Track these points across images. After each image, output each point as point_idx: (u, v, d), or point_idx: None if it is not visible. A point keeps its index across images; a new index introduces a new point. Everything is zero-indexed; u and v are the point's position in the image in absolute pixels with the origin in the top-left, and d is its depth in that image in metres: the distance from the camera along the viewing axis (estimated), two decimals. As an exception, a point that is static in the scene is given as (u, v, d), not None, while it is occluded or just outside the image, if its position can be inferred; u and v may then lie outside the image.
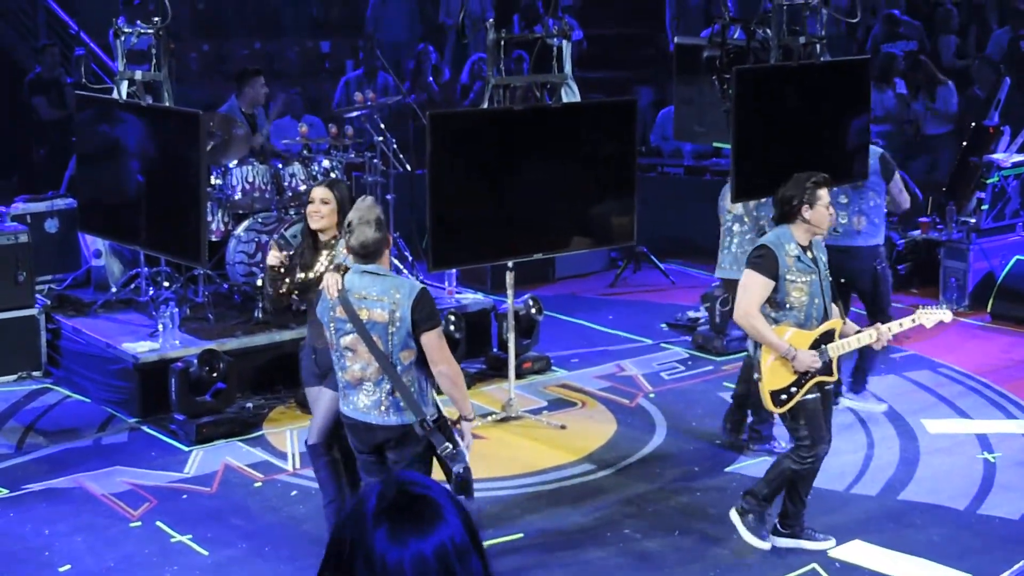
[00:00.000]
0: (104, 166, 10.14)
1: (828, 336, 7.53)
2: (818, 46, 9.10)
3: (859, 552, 7.79)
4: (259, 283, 10.71)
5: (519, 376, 10.48)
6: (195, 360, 9.69)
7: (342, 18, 19.20)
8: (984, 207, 12.92)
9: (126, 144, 9.97)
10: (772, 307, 7.47)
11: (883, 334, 7.68)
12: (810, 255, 7.50)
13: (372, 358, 6.55)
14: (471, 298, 11.62)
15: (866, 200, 9.70)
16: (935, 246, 13.13)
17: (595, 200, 9.83)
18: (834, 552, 7.77)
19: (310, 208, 7.56)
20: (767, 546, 7.71)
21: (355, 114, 12.20)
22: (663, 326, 12.24)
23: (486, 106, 9.31)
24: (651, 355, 11.47)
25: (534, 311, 11.01)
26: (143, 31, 8.67)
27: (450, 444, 6.61)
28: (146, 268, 11.19)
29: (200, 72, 17.47)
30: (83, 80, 10.49)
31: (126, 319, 11.00)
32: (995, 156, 13.19)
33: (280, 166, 11.00)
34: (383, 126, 12.23)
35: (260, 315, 10.71)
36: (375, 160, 11.96)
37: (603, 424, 9.97)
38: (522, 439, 9.67)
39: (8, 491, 8.81)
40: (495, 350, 11.05)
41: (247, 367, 10.31)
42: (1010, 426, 9.81)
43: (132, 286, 11.40)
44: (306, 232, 7.68)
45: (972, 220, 12.95)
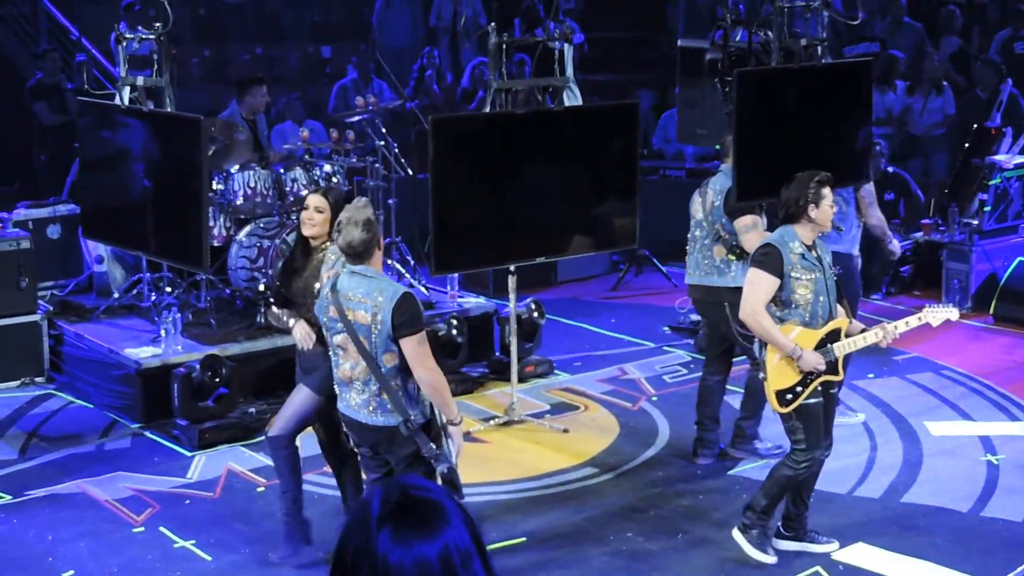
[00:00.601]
0: (106, 172, 10.15)
1: (834, 335, 7.52)
2: (819, 48, 9.10)
3: (862, 555, 7.79)
4: (260, 288, 10.71)
5: (521, 380, 10.47)
6: (197, 365, 9.69)
7: (343, 23, 19.21)
8: (986, 209, 12.91)
9: (128, 150, 9.98)
10: (777, 305, 7.44)
11: (889, 333, 7.66)
12: (815, 254, 7.48)
13: (360, 358, 6.65)
14: (473, 302, 11.62)
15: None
16: (937, 248, 13.12)
17: (597, 203, 9.83)
18: (837, 555, 7.77)
19: (304, 214, 7.64)
20: (773, 559, 7.67)
21: (356, 118, 12.19)
22: (665, 329, 12.24)
23: (488, 110, 9.31)
24: (654, 358, 11.46)
25: (536, 315, 11.01)
26: (145, 37, 8.67)
27: (434, 445, 6.68)
28: (148, 273, 11.19)
29: (201, 77, 17.48)
30: (85, 86, 10.50)
31: (128, 325, 10.99)
32: (997, 158, 13.18)
33: (281, 171, 11.00)
34: (384, 130, 12.22)
35: (262, 320, 10.71)
36: (377, 164, 11.96)
37: (605, 428, 9.97)
38: (524, 443, 9.67)
39: (11, 497, 8.80)
40: (497, 354, 11.05)
41: (249, 372, 10.31)
42: (1013, 428, 9.80)
43: (134, 291, 11.40)
44: (298, 237, 7.72)
45: (974, 222, 12.95)
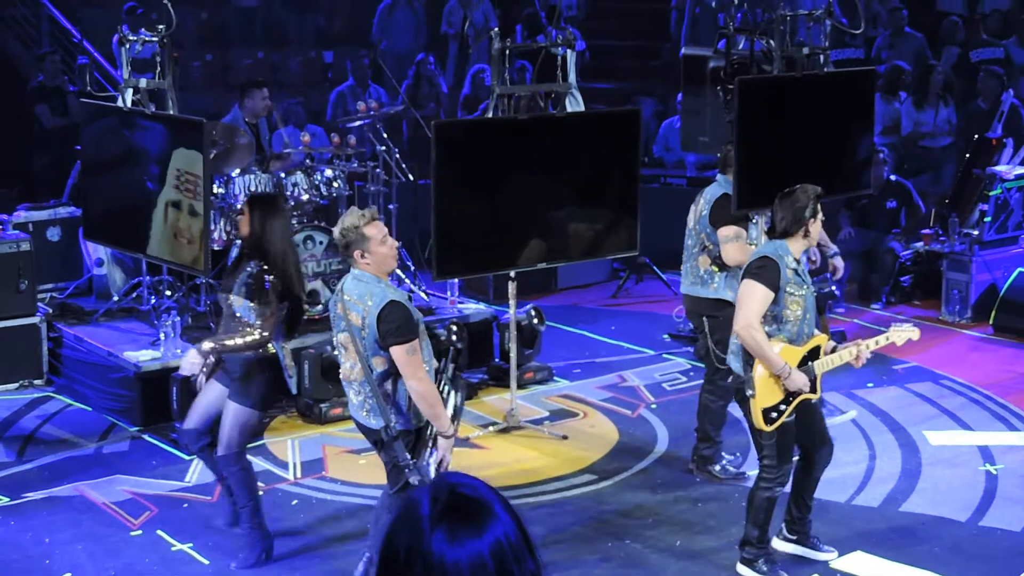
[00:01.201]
0: (108, 174, 10.14)
1: (814, 352, 7.48)
2: (821, 56, 9.10)
3: (861, 564, 7.78)
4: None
5: (521, 386, 10.47)
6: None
7: (346, 29, 19.21)
8: (987, 219, 12.91)
9: (131, 152, 9.96)
10: (766, 321, 7.32)
11: (863, 352, 7.61)
12: (801, 268, 7.46)
13: (358, 359, 6.80)
14: (473, 308, 11.62)
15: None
16: (938, 258, 13.12)
17: (598, 210, 9.83)
18: (836, 563, 7.76)
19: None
20: None
21: (357, 124, 12.19)
22: (665, 337, 12.23)
23: (490, 115, 9.31)
24: (653, 366, 11.45)
25: (536, 321, 11.00)
26: (148, 39, 8.67)
27: (410, 455, 6.81)
28: (148, 277, 11.19)
29: (203, 81, 17.48)
30: (88, 88, 10.50)
31: (128, 328, 10.99)
32: (998, 168, 13.19)
33: (282, 175, 11.00)
34: (386, 135, 12.22)
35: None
36: (378, 170, 11.96)
37: (605, 434, 9.96)
38: (524, 449, 9.66)
39: (9, 499, 8.80)
40: (497, 360, 11.05)
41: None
42: (1012, 438, 9.80)
43: (134, 295, 11.39)
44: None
45: (975, 232, 12.95)
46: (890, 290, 13.32)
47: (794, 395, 7.37)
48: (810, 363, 7.42)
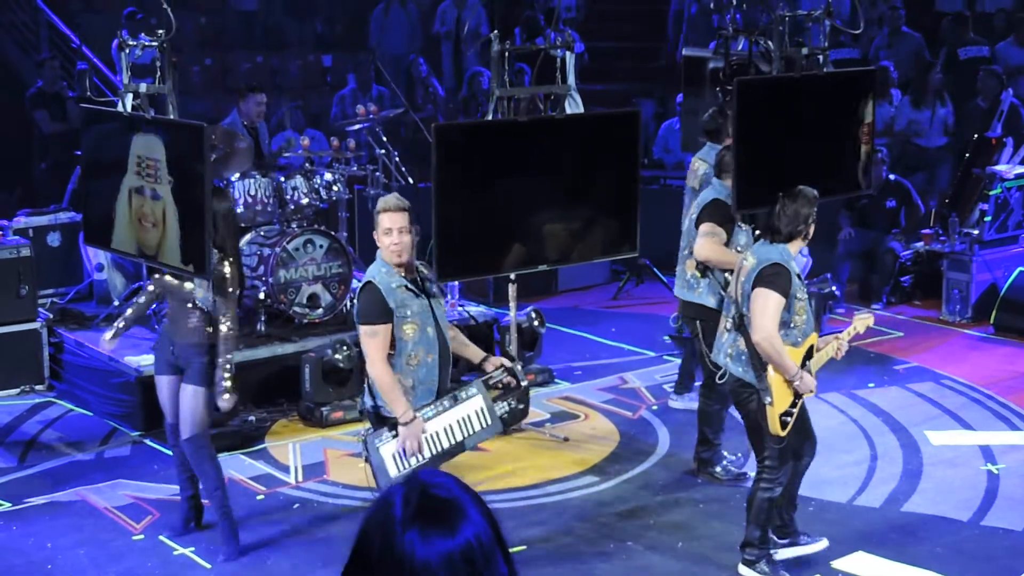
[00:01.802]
0: (108, 179, 10.13)
1: (809, 352, 7.50)
2: (820, 57, 9.09)
3: (862, 564, 7.79)
4: (261, 297, 10.71)
5: (522, 388, 10.45)
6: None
7: (345, 33, 19.22)
8: (987, 219, 12.92)
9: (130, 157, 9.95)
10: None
11: (842, 345, 7.72)
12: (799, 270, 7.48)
13: None
14: (474, 310, 11.62)
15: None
16: (938, 258, 13.12)
17: (598, 212, 9.83)
18: (837, 563, 7.77)
19: None
20: None
21: (356, 127, 12.19)
22: (666, 338, 12.21)
23: (490, 117, 9.32)
24: (654, 367, 11.45)
25: (537, 323, 11.00)
26: (148, 44, 8.66)
27: (371, 428, 7.26)
28: (148, 281, 11.17)
29: (202, 85, 17.48)
30: (87, 93, 10.50)
31: (128, 332, 10.86)
32: (998, 168, 13.19)
33: (282, 179, 11.00)
34: (385, 139, 12.22)
35: (262, 328, 10.71)
36: (377, 173, 11.96)
37: (606, 436, 9.96)
38: (525, 451, 9.66)
39: (11, 505, 8.80)
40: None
41: (249, 380, 10.29)
42: (1013, 437, 9.80)
43: (134, 299, 11.37)
44: None
45: (975, 232, 12.95)
46: (890, 290, 13.32)
47: (800, 396, 7.39)
48: (807, 363, 7.44)
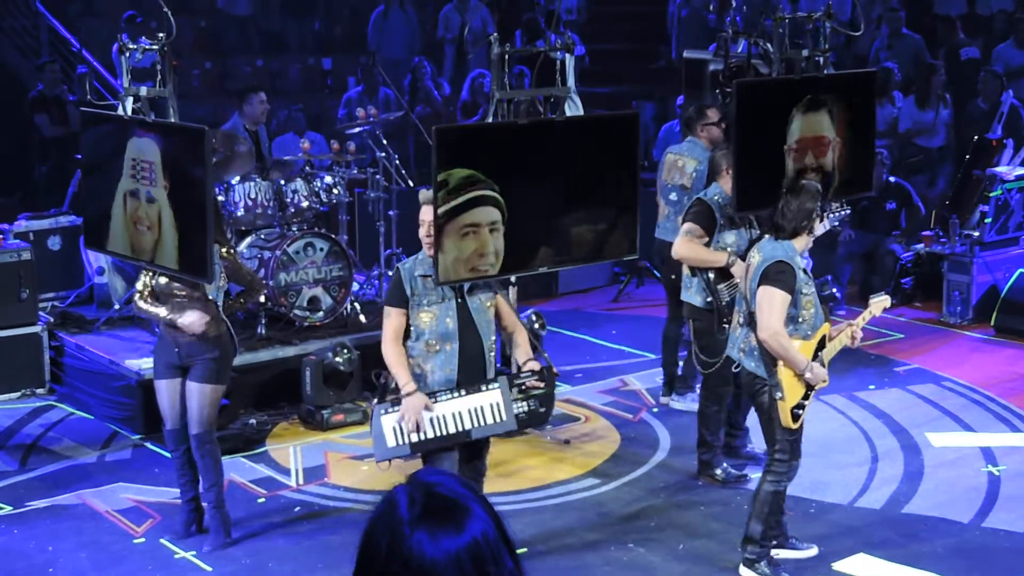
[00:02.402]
0: (105, 182, 10.14)
1: (821, 343, 7.52)
2: (821, 59, 9.09)
3: (863, 565, 7.79)
4: (262, 300, 10.71)
5: (522, 391, 10.45)
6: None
7: (344, 36, 19.23)
8: (987, 220, 12.91)
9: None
10: (784, 323, 7.38)
11: (856, 332, 7.72)
12: (805, 265, 7.51)
13: None
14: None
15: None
16: (938, 259, 13.12)
17: (598, 214, 9.81)
18: (838, 565, 7.77)
19: None
20: None
21: (357, 130, 12.19)
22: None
23: (490, 120, 9.31)
24: (654, 370, 11.43)
25: (537, 326, 10.99)
26: (148, 47, 8.66)
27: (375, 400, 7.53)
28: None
29: (202, 89, 17.49)
30: (87, 97, 10.51)
31: (129, 336, 11.00)
32: (998, 169, 13.19)
33: (282, 182, 11.00)
34: (385, 142, 12.21)
35: (263, 331, 10.72)
36: (377, 176, 11.95)
37: (607, 439, 9.97)
38: (526, 454, 9.65)
39: (12, 508, 8.80)
40: (498, 365, 11.02)
41: (250, 383, 10.31)
42: (1014, 439, 9.80)
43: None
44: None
45: (975, 233, 12.95)
46: (891, 292, 13.27)
47: (812, 388, 7.42)
48: (819, 354, 7.45)
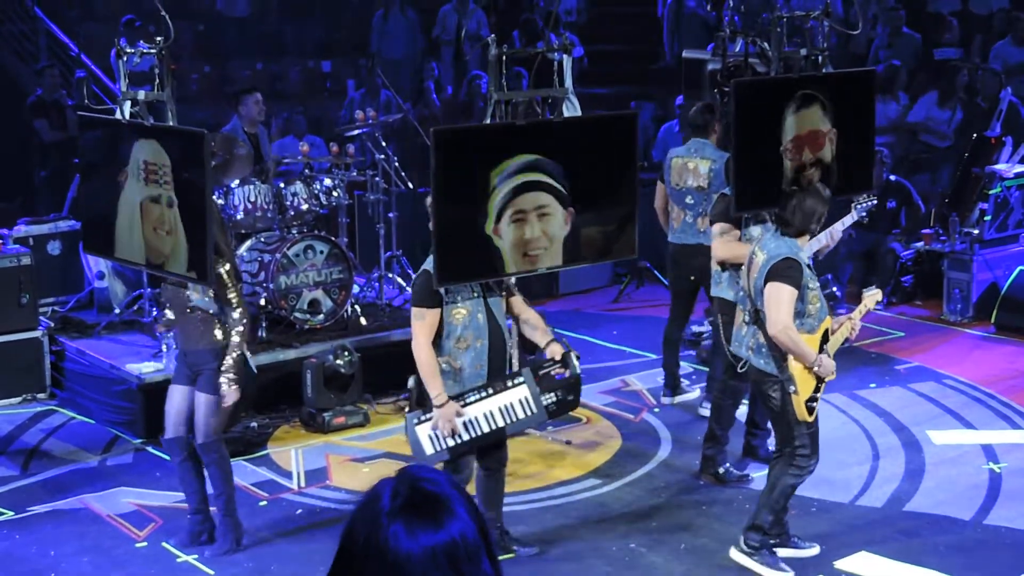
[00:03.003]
0: (105, 186, 10.15)
1: (825, 336, 7.55)
2: (820, 58, 9.09)
3: (865, 563, 7.79)
4: (262, 303, 10.72)
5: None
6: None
7: (344, 38, 19.23)
8: (987, 218, 12.92)
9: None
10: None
11: (856, 324, 7.78)
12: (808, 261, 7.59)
13: None
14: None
15: (710, 202, 9.64)
16: (938, 257, 13.12)
17: (596, 215, 9.82)
18: (840, 564, 7.77)
19: None
20: (792, 574, 7.65)
21: (356, 132, 12.18)
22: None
23: (488, 121, 9.31)
24: (655, 370, 11.43)
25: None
26: (146, 51, 8.66)
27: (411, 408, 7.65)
28: (149, 289, 11.19)
29: (201, 93, 17.49)
30: (85, 102, 10.51)
31: (130, 340, 11.00)
32: (997, 167, 13.19)
33: (282, 185, 11.00)
34: (384, 144, 12.21)
35: (264, 334, 10.72)
36: (377, 178, 11.95)
37: (608, 439, 9.96)
38: (527, 455, 9.65)
39: (13, 513, 8.80)
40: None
41: (251, 386, 10.28)
42: (1015, 436, 9.80)
43: (135, 307, 11.40)
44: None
45: (975, 231, 12.95)
46: (891, 290, 13.31)
47: (822, 380, 7.46)
48: (824, 347, 7.49)
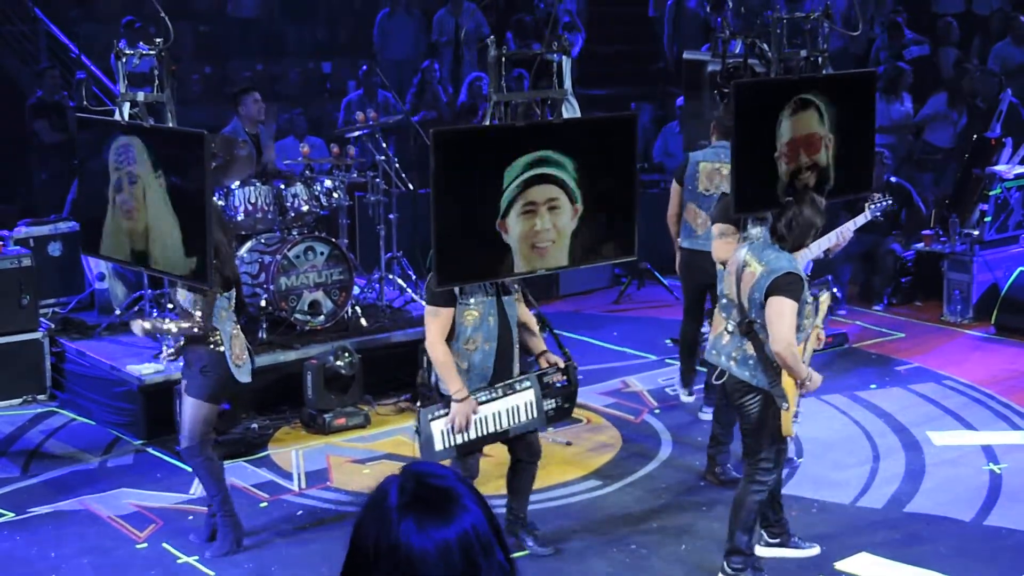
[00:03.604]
0: (99, 187, 10.16)
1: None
2: (820, 59, 9.09)
3: (866, 564, 7.79)
4: (263, 304, 10.72)
5: (524, 393, 10.45)
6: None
7: (345, 39, 19.23)
8: (987, 219, 12.92)
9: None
10: None
11: (821, 332, 7.64)
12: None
13: None
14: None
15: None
16: (939, 258, 13.13)
17: (596, 216, 9.83)
18: (841, 564, 7.77)
19: None
20: None
21: (356, 133, 12.19)
22: (668, 342, 12.22)
23: (488, 122, 9.32)
24: (656, 371, 11.46)
25: (538, 328, 10.97)
26: (145, 53, 8.66)
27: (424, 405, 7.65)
28: (149, 290, 11.19)
29: (202, 94, 17.49)
30: (84, 103, 10.52)
31: (130, 341, 10.95)
32: (997, 168, 13.20)
33: (282, 187, 11.00)
34: (385, 145, 12.21)
35: (264, 336, 10.72)
36: (378, 180, 11.95)
37: (609, 440, 9.97)
38: (527, 456, 9.65)
39: (14, 514, 8.80)
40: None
41: (252, 388, 10.27)
42: (1015, 437, 9.80)
43: (136, 308, 11.40)
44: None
45: (975, 232, 12.96)
46: (891, 291, 13.33)
47: (802, 395, 7.42)
48: (804, 357, 7.42)
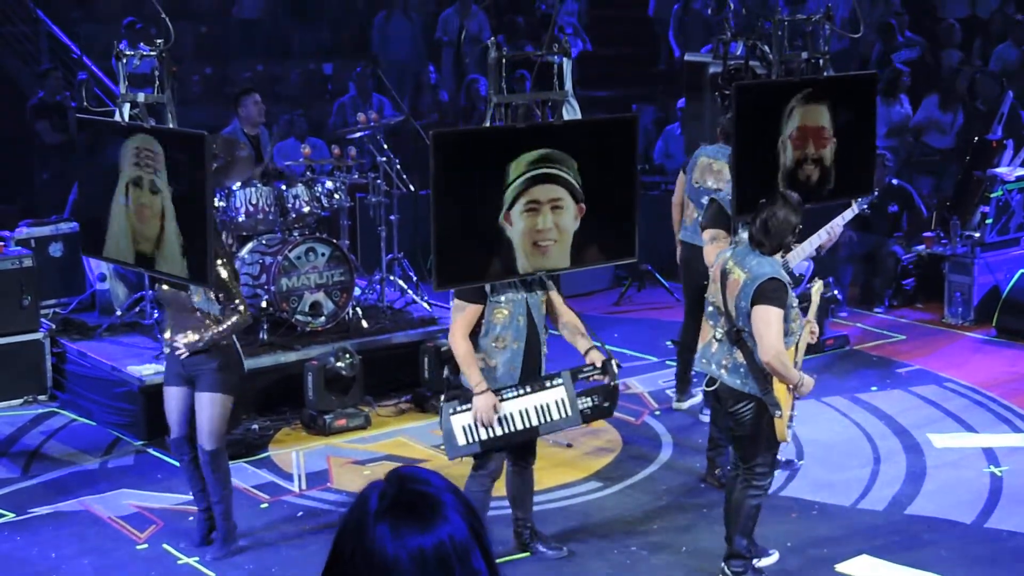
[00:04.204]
0: (102, 188, 10.16)
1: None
2: (821, 61, 9.09)
3: (866, 567, 7.78)
4: (263, 305, 10.72)
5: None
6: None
7: (345, 41, 19.23)
8: (988, 221, 12.92)
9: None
10: None
11: (813, 326, 7.58)
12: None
13: None
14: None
15: None
16: (939, 261, 13.12)
17: (596, 217, 9.83)
18: (841, 567, 7.76)
19: None
20: None
21: (357, 135, 12.19)
22: (668, 344, 12.20)
23: (488, 124, 9.32)
24: (656, 373, 11.45)
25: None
26: (145, 54, 8.66)
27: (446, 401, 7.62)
28: (150, 291, 11.18)
29: (202, 95, 17.49)
30: (85, 104, 10.52)
31: (131, 342, 10.99)
32: (999, 170, 13.20)
33: (283, 188, 11.00)
34: (386, 146, 12.21)
35: (265, 337, 10.72)
36: (378, 181, 11.95)
37: (609, 442, 9.96)
38: (528, 458, 9.65)
39: (14, 515, 8.80)
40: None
41: (252, 388, 10.30)
42: (1016, 440, 9.80)
43: (137, 309, 11.40)
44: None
45: (976, 234, 12.95)
46: (892, 293, 13.33)
47: (795, 399, 7.38)
48: (796, 359, 7.38)
